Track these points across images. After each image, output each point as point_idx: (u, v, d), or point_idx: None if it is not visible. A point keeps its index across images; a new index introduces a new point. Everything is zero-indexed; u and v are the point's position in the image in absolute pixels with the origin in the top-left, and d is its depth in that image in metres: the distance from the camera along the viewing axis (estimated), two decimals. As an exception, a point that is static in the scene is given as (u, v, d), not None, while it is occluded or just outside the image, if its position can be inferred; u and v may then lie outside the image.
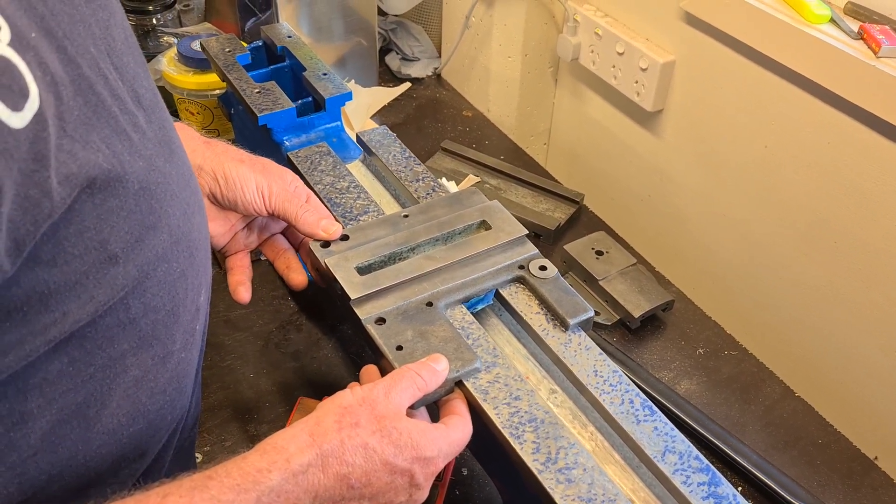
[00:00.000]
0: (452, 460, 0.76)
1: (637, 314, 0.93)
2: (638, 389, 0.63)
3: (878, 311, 0.88)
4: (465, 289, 0.68)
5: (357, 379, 0.64)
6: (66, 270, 0.42)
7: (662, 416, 0.61)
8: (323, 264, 0.69)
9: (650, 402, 0.62)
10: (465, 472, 0.78)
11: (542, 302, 0.68)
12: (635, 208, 1.21)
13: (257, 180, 0.70)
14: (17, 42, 0.37)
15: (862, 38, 0.82)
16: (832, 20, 0.85)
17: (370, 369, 0.63)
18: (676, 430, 0.60)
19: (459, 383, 0.62)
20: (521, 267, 0.70)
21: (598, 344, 0.90)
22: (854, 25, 0.84)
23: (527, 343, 0.69)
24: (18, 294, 0.40)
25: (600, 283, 0.96)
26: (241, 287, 0.74)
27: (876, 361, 0.90)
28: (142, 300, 0.48)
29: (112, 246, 0.44)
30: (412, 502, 0.55)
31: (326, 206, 0.79)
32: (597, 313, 0.95)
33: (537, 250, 0.72)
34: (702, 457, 0.58)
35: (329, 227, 0.71)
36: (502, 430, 0.59)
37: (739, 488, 0.79)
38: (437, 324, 0.64)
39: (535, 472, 0.57)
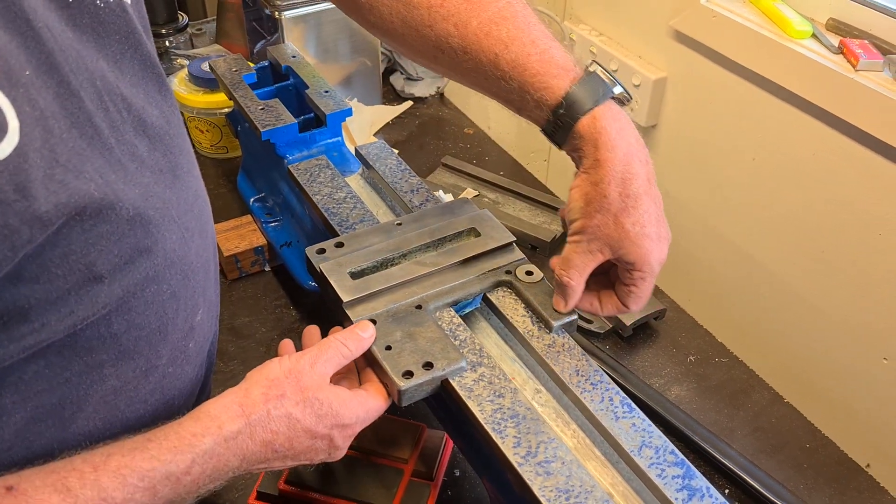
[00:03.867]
0: (445, 459, 0.79)
1: (629, 322, 0.95)
2: (618, 388, 0.65)
3: (864, 317, 0.90)
4: (454, 292, 0.71)
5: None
6: (48, 288, 0.45)
7: (640, 412, 0.63)
8: (318, 269, 0.72)
9: (629, 400, 0.64)
10: (458, 474, 0.80)
11: (528, 305, 0.71)
12: (632, 221, 1.23)
13: None
14: (3, 80, 0.40)
15: (842, 53, 0.85)
16: (814, 35, 0.88)
17: (312, 330, 0.67)
18: (654, 426, 0.62)
19: (445, 381, 0.64)
20: (509, 272, 0.73)
21: (590, 351, 0.93)
22: (835, 40, 0.86)
23: (513, 345, 0.71)
24: None
25: (593, 292, 0.98)
26: None
27: (863, 368, 0.92)
28: (126, 317, 0.51)
29: (99, 267, 0.47)
30: (331, 458, 0.61)
31: (325, 216, 0.82)
32: (589, 322, 0.97)
33: (524, 256, 0.75)
34: (677, 451, 0.60)
35: None
36: (485, 426, 0.61)
37: (727, 491, 0.81)
38: (426, 325, 0.67)
39: (515, 464, 0.59)
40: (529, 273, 0.73)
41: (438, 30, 0.65)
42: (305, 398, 0.57)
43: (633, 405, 0.63)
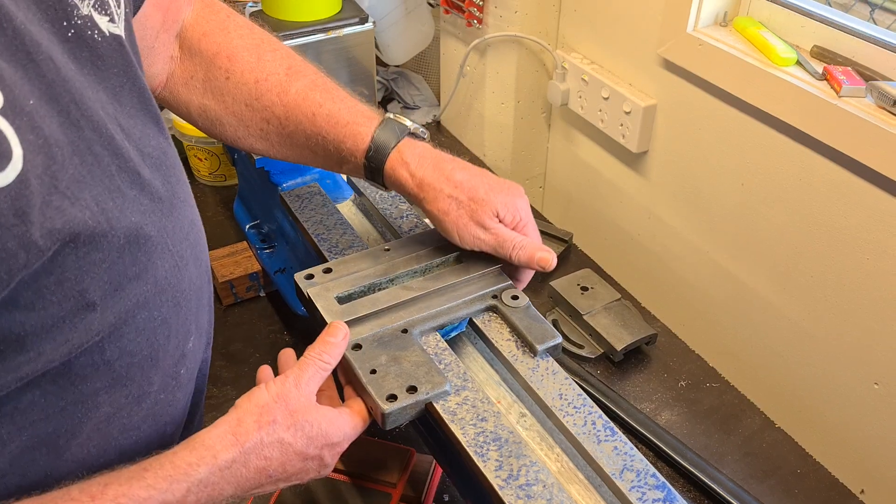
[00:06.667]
0: (434, 484, 0.79)
1: (620, 347, 0.95)
2: (601, 411, 0.65)
3: (855, 342, 0.90)
4: (440, 317, 0.72)
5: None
6: (43, 315, 0.45)
7: (623, 436, 0.63)
8: (306, 294, 0.73)
9: (612, 424, 0.64)
10: (447, 499, 0.80)
11: (513, 329, 0.71)
12: (624, 246, 1.24)
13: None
14: (8, 109, 0.41)
15: (825, 79, 0.86)
16: (798, 62, 0.89)
17: (288, 353, 0.68)
18: (635, 449, 0.62)
19: (429, 405, 0.65)
20: (495, 297, 0.74)
21: (580, 376, 0.93)
22: (819, 67, 0.88)
23: (499, 369, 0.72)
24: None
25: (584, 317, 0.98)
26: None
27: (854, 393, 0.91)
28: (118, 344, 0.52)
29: (91, 294, 0.48)
30: (321, 475, 0.63)
31: (315, 242, 0.84)
32: (581, 347, 0.98)
33: (510, 281, 0.75)
34: (658, 475, 0.60)
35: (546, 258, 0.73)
36: (467, 449, 0.62)
37: (717, 516, 0.80)
38: (411, 349, 0.68)
39: (497, 487, 0.59)
40: (515, 298, 0.73)
41: (264, 101, 0.74)
42: (296, 422, 0.58)
43: (616, 428, 0.64)
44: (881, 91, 0.81)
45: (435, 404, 0.65)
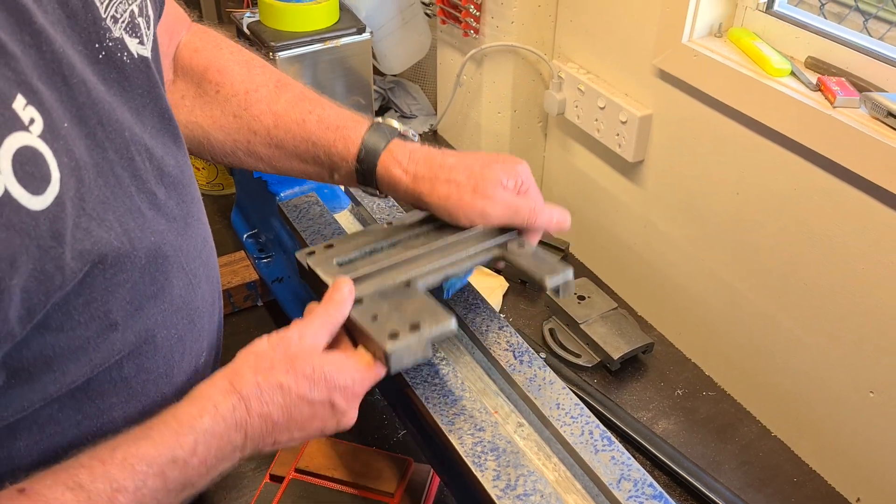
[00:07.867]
0: (432, 494, 0.79)
1: (616, 356, 0.96)
2: (598, 421, 0.65)
3: (850, 351, 0.91)
4: (445, 269, 0.68)
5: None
6: (71, 336, 0.46)
7: (620, 445, 0.63)
8: (306, 266, 0.69)
9: (609, 433, 0.64)
10: (445, 508, 0.81)
11: (521, 270, 0.67)
12: (620, 255, 1.24)
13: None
14: (48, 133, 0.42)
15: (820, 90, 0.87)
16: (792, 73, 0.90)
17: (314, 305, 0.64)
18: (632, 458, 0.62)
19: (427, 413, 0.65)
20: (500, 247, 0.69)
21: (577, 385, 0.93)
22: (813, 78, 0.88)
23: (496, 379, 0.72)
24: (28, 356, 0.45)
25: (581, 326, 0.99)
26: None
27: (850, 401, 0.92)
28: (136, 362, 0.53)
29: (114, 315, 0.48)
30: (342, 425, 0.59)
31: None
32: (578, 356, 0.98)
33: (516, 232, 0.71)
34: (655, 484, 0.61)
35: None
36: (465, 458, 0.62)
37: (714, 525, 0.81)
38: (413, 298, 0.63)
39: (495, 497, 0.59)
40: (521, 245, 0.69)
41: (253, 111, 0.73)
42: (294, 366, 0.56)
43: (613, 438, 0.64)
44: (875, 102, 0.81)
45: (433, 414, 0.65)
